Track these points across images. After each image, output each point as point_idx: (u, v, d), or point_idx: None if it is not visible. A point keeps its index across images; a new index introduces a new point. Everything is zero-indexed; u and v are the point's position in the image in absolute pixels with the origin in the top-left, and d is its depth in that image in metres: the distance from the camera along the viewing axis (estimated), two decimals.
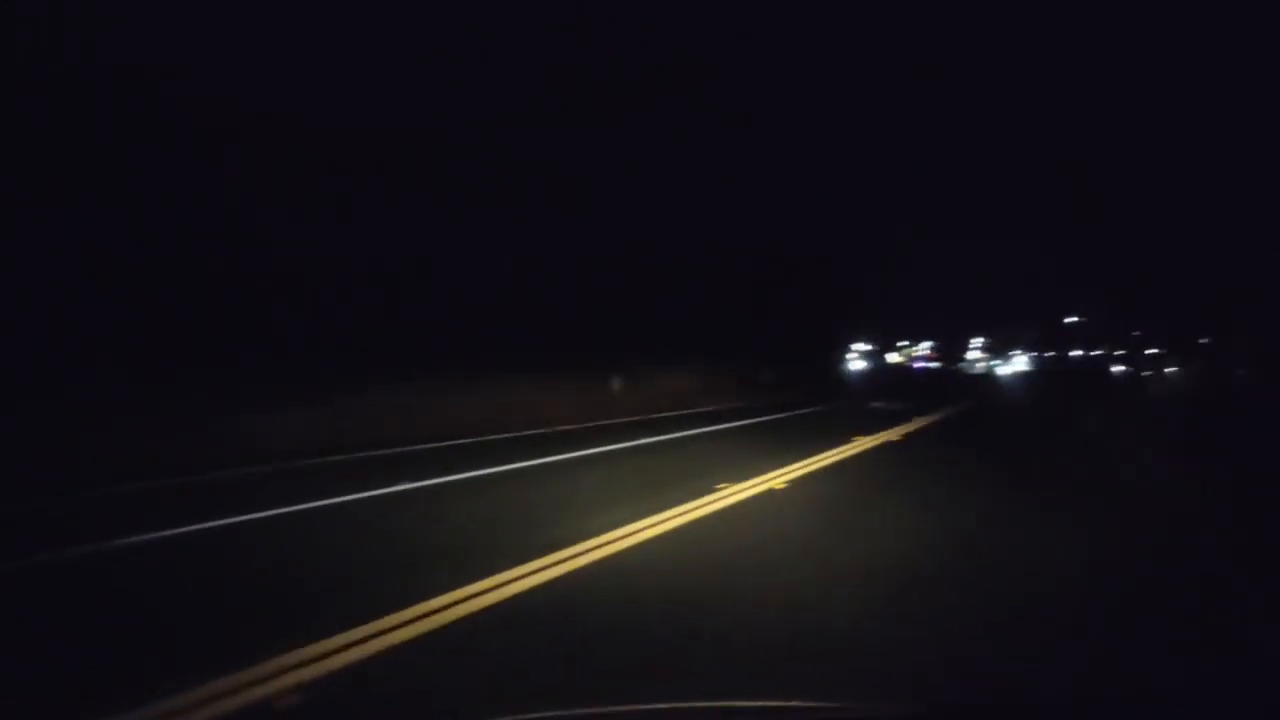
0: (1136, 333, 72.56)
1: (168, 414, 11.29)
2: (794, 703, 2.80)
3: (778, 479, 9.20)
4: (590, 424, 16.29)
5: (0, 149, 12.60)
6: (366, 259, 17.84)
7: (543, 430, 14.84)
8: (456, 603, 4.55)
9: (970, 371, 73.44)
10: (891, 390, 31.61)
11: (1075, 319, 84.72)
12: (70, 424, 10.26)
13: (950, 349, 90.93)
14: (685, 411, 19.21)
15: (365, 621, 4.16)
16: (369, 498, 8.26)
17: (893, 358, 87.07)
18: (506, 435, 14.02)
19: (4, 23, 13.02)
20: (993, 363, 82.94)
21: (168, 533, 6.66)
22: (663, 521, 6.81)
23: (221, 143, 15.49)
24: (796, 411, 19.10)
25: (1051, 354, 77.92)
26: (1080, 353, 78.31)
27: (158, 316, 14.06)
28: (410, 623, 4.23)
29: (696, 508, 7.45)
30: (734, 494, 8.21)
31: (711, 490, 8.28)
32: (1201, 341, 58.86)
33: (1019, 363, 77.85)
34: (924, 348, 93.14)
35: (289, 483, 9.29)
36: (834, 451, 11.50)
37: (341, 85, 17.53)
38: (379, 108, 18.09)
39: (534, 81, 22.10)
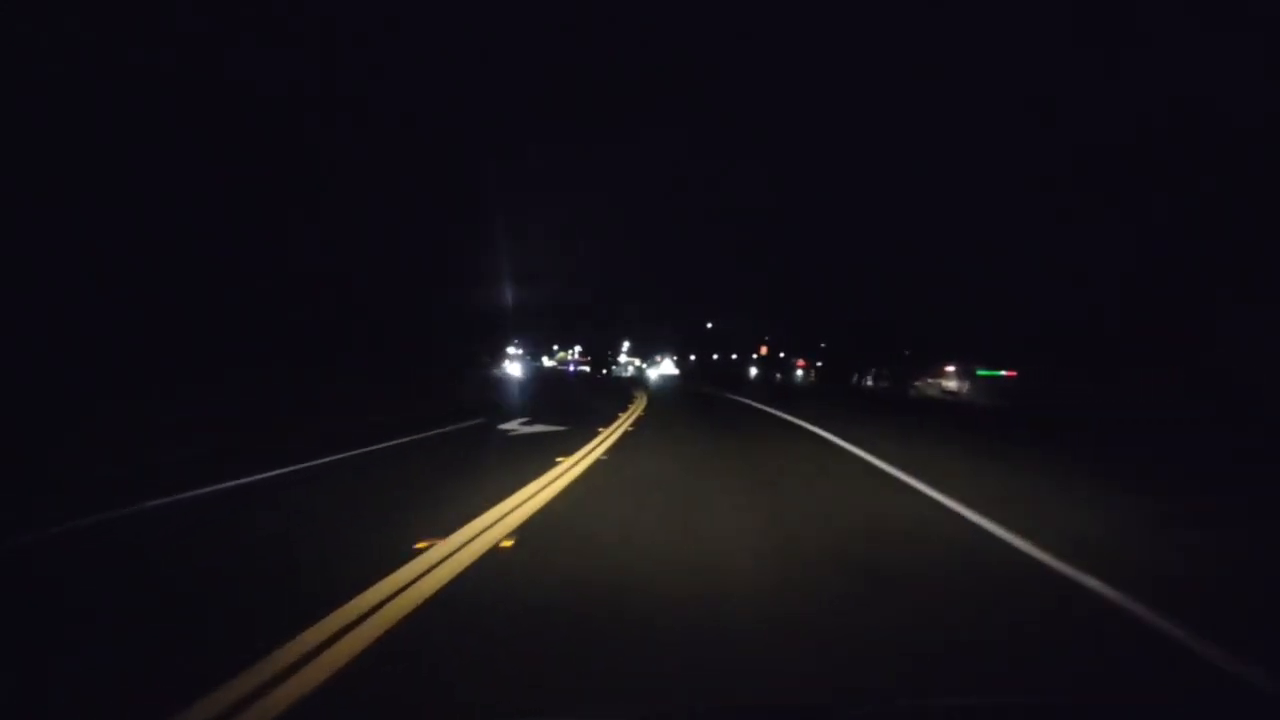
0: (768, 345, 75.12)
1: None
2: (793, 704, 2.66)
3: None
4: None
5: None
6: None
7: None
8: None
9: (622, 375, 73.21)
10: (540, 400, 24.84)
11: (710, 325, 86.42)
12: None
13: (601, 354, 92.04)
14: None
15: None
16: None
17: (548, 362, 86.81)
18: None
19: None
20: (642, 366, 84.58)
21: None
22: None
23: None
24: (374, 447, 10.41)
25: (694, 358, 79.51)
26: (717, 357, 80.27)
27: None
28: None
29: None
30: None
31: None
32: (822, 347, 62.18)
33: (666, 366, 78.46)
34: (576, 352, 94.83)
35: None
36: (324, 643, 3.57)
37: None
38: None
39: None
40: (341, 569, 4.27)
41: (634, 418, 16.75)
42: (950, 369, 42.50)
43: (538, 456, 9.38)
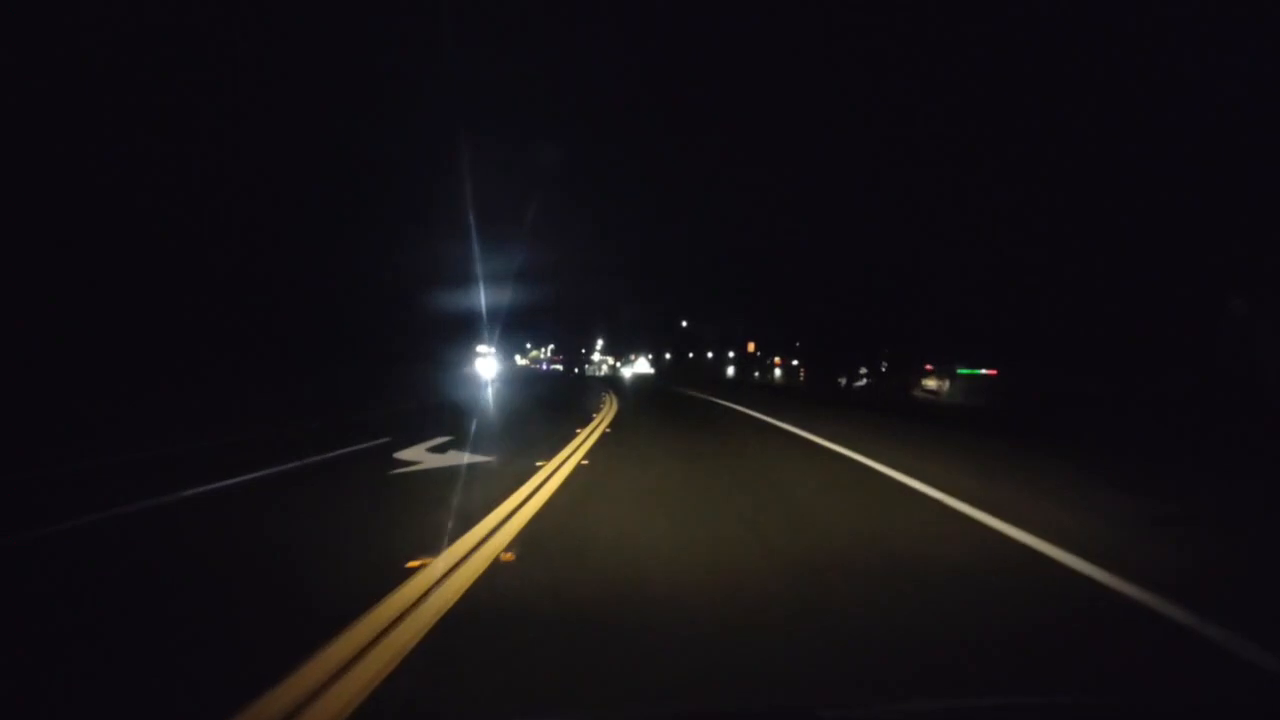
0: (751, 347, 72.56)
1: None
2: (792, 705, 2.58)
3: None
4: None
5: None
6: None
7: None
8: None
9: (597, 374, 70.04)
10: (488, 408, 20.97)
11: (685, 324, 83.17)
12: None
13: (575, 352, 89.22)
14: None
15: None
16: None
17: (520, 361, 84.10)
18: None
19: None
20: (616, 364, 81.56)
21: None
22: None
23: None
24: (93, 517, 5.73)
25: (669, 357, 76.19)
26: (692, 355, 77.14)
27: None
28: None
29: None
30: None
31: None
32: (797, 345, 60.86)
33: (641, 365, 75.14)
34: (549, 351, 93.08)
35: None
36: None
37: None
38: None
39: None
40: None
41: (597, 435, 12.47)
42: (930, 368, 39.15)
43: (391, 550, 4.79)
